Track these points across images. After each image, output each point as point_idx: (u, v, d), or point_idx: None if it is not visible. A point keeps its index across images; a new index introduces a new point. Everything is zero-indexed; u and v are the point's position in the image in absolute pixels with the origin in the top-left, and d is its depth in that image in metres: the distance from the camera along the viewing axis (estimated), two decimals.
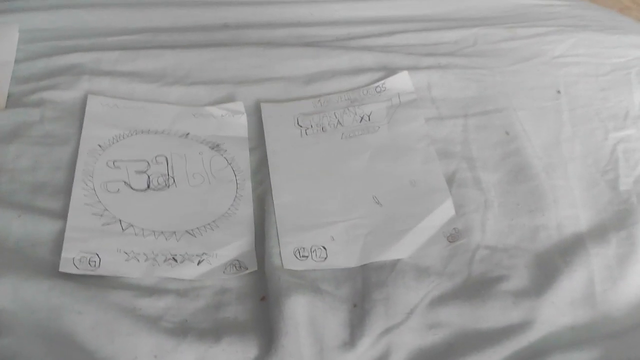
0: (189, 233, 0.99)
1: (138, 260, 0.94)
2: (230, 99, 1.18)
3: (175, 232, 0.98)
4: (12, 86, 1.16)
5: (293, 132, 1.13)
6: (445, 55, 1.26)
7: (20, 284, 0.87)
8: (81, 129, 1.09)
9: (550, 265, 0.97)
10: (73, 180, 1.01)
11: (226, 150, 1.10)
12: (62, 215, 0.97)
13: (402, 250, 0.98)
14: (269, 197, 1.03)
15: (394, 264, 0.96)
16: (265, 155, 1.10)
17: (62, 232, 0.95)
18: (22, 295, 0.86)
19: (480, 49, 1.29)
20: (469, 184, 1.06)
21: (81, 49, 1.21)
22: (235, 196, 1.04)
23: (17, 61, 1.19)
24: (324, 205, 1.03)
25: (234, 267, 0.96)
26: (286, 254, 0.96)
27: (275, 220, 1.00)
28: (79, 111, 1.12)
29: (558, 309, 0.92)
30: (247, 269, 0.96)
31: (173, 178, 1.05)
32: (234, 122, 1.14)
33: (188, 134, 1.12)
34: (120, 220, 0.98)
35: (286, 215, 1.01)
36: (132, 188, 1.03)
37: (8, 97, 1.14)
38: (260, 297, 0.93)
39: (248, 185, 1.06)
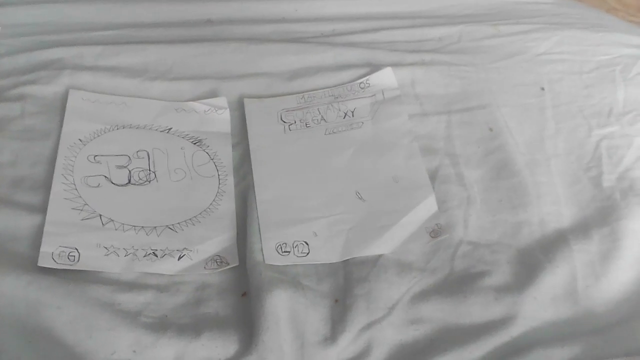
0: (170, 228, 0.98)
1: (118, 255, 0.93)
2: (213, 94, 1.17)
3: (156, 227, 0.97)
4: None
5: (276, 128, 1.12)
6: (430, 52, 1.26)
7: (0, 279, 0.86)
8: (62, 124, 1.08)
9: (532, 261, 0.96)
10: (53, 175, 1.00)
11: (209, 146, 1.10)
12: (42, 209, 0.96)
13: (384, 245, 0.97)
14: (252, 193, 1.03)
15: (376, 260, 0.96)
16: (248, 151, 1.09)
17: (41, 226, 0.94)
18: (0, 290, 0.85)
19: (464, 46, 1.28)
20: (452, 180, 1.06)
21: (63, 44, 1.20)
22: (218, 192, 1.04)
23: None
24: (306, 200, 1.02)
25: (215, 263, 0.95)
26: (268, 250, 0.96)
27: (258, 216, 0.99)
28: (60, 106, 1.11)
29: (540, 305, 0.92)
30: (228, 264, 0.95)
31: (154, 173, 1.04)
32: (217, 117, 1.13)
33: (170, 129, 1.11)
34: (100, 215, 0.97)
35: (268, 210, 1.00)
36: (112, 183, 1.02)
37: None
38: (241, 292, 0.92)
39: (230, 180, 1.06)
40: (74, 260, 0.91)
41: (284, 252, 0.96)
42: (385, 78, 1.19)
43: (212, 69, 1.20)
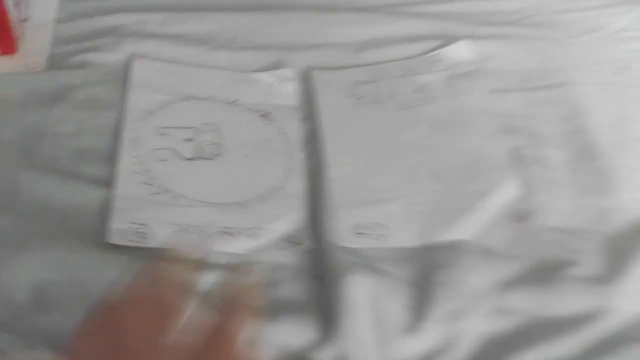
0: (240, 205, 0.94)
1: (188, 232, 0.89)
2: (279, 65, 1.12)
3: (225, 204, 0.93)
4: (52, 47, 1.11)
5: (346, 102, 1.08)
6: (505, 25, 1.20)
7: (67, 255, 0.83)
8: (126, 94, 1.04)
9: (624, 249, 0.90)
10: (119, 147, 0.96)
11: (276, 119, 1.05)
12: (108, 183, 0.93)
13: (464, 230, 0.92)
14: (322, 170, 0.98)
15: (456, 245, 0.91)
16: (317, 126, 1.04)
17: (109, 201, 0.90)
18: (69, 268, 0.82)
19: (540, 20, 1.22)
20: (534, 161, 1.00)
21: (125, 10, 1.16)
22: (287, 168, 0.99)
23: (57, 21, 1.15)
24: (381, 180, 0.98)
25: (289, 243, 0.91)
26: (342, 231, 0.91)
27: (330, 195, 0.95)
28: (123, 75, 1.07)
29: (633, 297, 0.86)
30: (301, 244, 0.91)
31: (222, 147, 1.00)
32: (284, 89, 1.09)
33: (236, 100, 1.06)
34: (170, 190, 0.93)
35: (341, 189, 0.96)
36: (180, 156, 0.98)
37: (49, 58, 1.10)
38: (316, 275, 0.88)
39: (299, 156, 1.01)
40: (145, 237, 0.88)
41: (360, 234, 0.92)
42: (461, 51, 1.13)
43: (278, 38, 1.16)
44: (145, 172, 0.94)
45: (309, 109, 1.07)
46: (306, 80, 1.10)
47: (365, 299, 0.84)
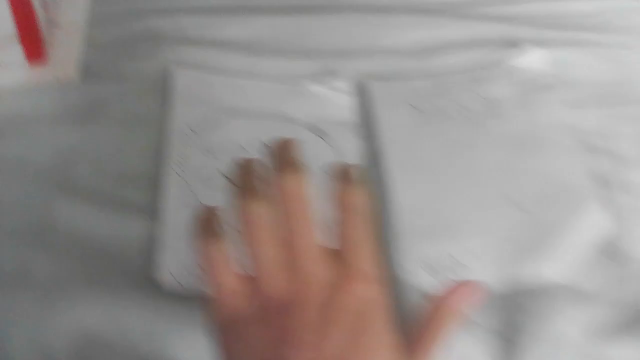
0: None
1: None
2: (331, 73, 1.02)
3: None
4: (83, 54, 1.02)
5: (408, 118, 0.98)
6: (580, 30, 1.08)
7: (112, 301, 0.74)
8: (166, 108, 0.94)
9: None
10: (165, 171, 0.87)
11: (330, 136, 0.95)
12: (155, 212, 0.83)
13: (550, 267, 0.82)
14: (385, 196, 0.89)
15: (543, 285, 0.81)
16: (377, 144, 0.94)
17: (155, 233, 0.81)
18: (116, 316, 0.73)
19: (618, 24, 1.11)
20: (621, 187, 0.90)
21: (162, 12, 1.06)
22: None
23: (88, 25, 1.05)
24: (452, 208, 0.88)
25: None
26: (411, 267, 0.82)
27: (395, 225, 0.85)
28: (162, 86, 0.97)
29: None
30: None
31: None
32: (338, 103, 0.99)
33: (286, 115, 0.97)
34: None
35: (408, 218, 0.86)
36: (229, 181, 0.88)
37: (80, 67, 1.00)
38: None
39: None
40: (200, 277, 0.78)
41: (431, 270, 0.82)
42: (534, 60, 1.03)
43: (329, 44, 1.05)
44: (193, 200, 0.85)
45: (367, 126, 0.97)
46: (362, 92, 1.00)
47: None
